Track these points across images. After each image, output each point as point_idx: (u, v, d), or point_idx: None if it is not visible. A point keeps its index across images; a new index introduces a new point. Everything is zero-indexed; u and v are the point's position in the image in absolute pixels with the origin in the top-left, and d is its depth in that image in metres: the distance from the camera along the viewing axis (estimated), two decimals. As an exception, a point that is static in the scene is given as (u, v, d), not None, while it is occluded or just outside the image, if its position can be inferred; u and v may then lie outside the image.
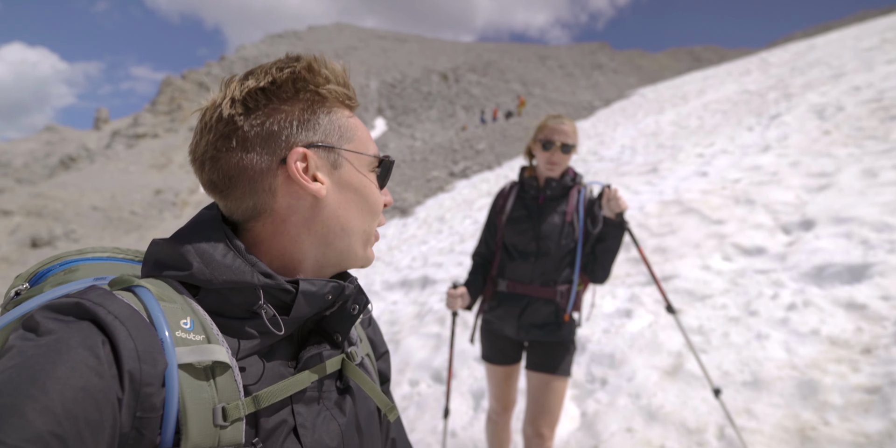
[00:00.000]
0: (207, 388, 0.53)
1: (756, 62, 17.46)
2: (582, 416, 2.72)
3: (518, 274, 2.04)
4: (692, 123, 10.54)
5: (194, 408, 0.51)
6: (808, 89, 9.18)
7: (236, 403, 0.54)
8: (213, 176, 0.62)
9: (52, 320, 0.48)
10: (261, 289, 0.59)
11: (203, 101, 0.63)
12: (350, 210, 0.66)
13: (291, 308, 0.62)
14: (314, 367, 0.64)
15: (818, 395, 2.26)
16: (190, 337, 0.54)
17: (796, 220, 4.11)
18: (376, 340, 0.85)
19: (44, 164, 76.44)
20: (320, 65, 0.63)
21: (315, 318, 0.68)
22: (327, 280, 0.64)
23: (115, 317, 0.50)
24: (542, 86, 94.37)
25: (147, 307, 0.53)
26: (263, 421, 0.58)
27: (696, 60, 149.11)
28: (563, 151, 1.97)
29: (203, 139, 0.61)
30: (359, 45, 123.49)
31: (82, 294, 0.52)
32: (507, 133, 21.40)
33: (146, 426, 0.49)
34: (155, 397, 0.50)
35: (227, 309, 0.59)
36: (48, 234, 39.56)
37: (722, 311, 3.21)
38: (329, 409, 0.66)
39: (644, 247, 4.61)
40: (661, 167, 7.42)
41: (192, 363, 0.52)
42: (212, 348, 0.54)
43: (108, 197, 49.52)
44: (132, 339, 0.49)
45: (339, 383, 0.69)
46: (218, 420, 0.52)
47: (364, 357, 0.75)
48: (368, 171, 0.69)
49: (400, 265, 7.66)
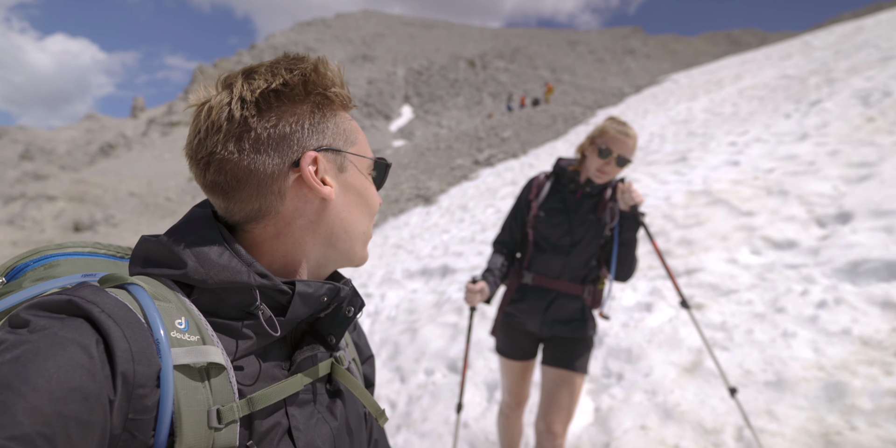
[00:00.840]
0: (202, 389, 0.52)
1: (798, 45, 16.57)
2: (595, 411, 2.67)
3: (547, 268, 2.00)
4: (726, 110, 10.12)
5: (189, 410, 0.50)
6: (852, 73, 8.67)
7: (231, 405, 0.53)
8: (218, 177, 0.60)
9: (43, 317, 0.47)
10: (257, 289, 0.58)
11: (193, 97, 0.61)
12: (353, 212, 0.67)
13: (287, 309, 0.61)
14: (307, 369, 0.64)
15: (846, 398, 2.15)
16: (185, 337, 0.53)
17: (832, 213, 3.90)
18: (361, 345, 0.85)
19: (85, 151, 79.42)
20: (325, 66, 0.63)
21: (309, 320, 0.67)
22: (323, 282, 0.63)
23: (110, 316, 0.49)
24: (572, 72, 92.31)
25: (142, 306, 0.52)
26: (258, 423, 0.57)
27: (734, 44, 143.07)
28: (617, 164, 1.89)
29: (209, 139, 0.59)
30: (386, 31, 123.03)
31: (74, 291, 0.50)
32: (533, 121, 21.05)
33: (138, 428, 0.48)
34: (148, 399, 0.49)
35: (221, 309, 0.58)
36: (89, 219, 41.26)
37: (747, 307, 3.09)
38: (321, 411, 0.66)
39: (668, 239, 4.47)
40: (691, 156, 7.16)
41: (187, 364, 0.52)
42: (207, 349, 0.53)
43: (144, 183, 51.22)
44: (126, 339, 0.48)
45: (328, 386, 0.69)
46: (212, 422, 0.52)
47: (350, 361, 0.75)
48: (367, 174, 0.71)
49: (421, 254, 7.67)
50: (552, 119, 20.68)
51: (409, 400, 3.44)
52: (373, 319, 5.43)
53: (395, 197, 14.86)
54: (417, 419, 3.14)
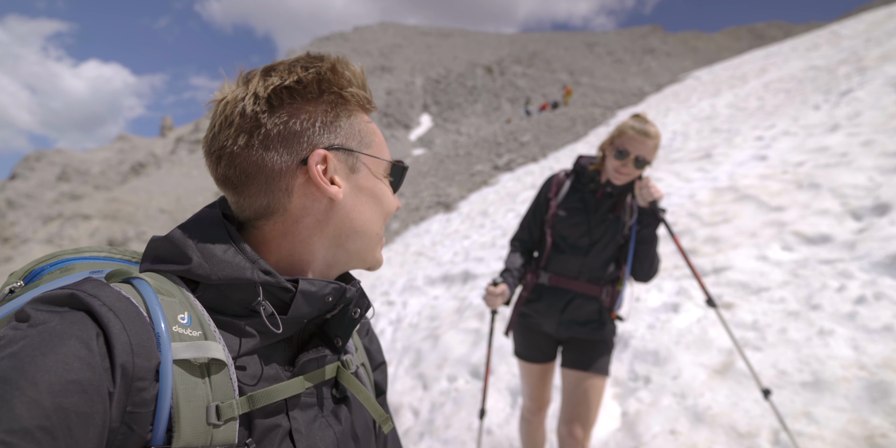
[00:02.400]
0: (202, 385, 0.52)
1: (825, 36, 16.04)
2: (623, 415, 2.58)
3: (565, 268, 1.96)
4: (751, 105, 9.84)
5: (188, 405, 0.50)
6: (885, 61, 8.33)
7: (230, 402, 0.53)
8: (228, 171, 0.61)
9: (44, 311, 0.47)
10: (260, 286, 0.58)
11: (217, 93, 0.62)
12: (364, 213, 0.66)
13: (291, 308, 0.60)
14: (311, 372, 0.63)
15: (890, 398, 2.02)
16: (187, 332, 0.53)
17: (868, 205, 3.72)
18: (373, 350, 0.83)
19: (117, 170, 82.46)
20: (343, 66, 0.63)
21: (317, 322, 0.66)
22: (328, 281, 0.62)
23: (110, 308, 0.49)
24: (590, 74, 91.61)
25: (145, 300, 0.52)
26: (257, 422, 0.56)
27: (758, 38, 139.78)
28: (635, 166, 1.82)
29: (222, 133, 0.60)
30: (403, 42, 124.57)
31: (77, 285, 0.51)
32: (552, 124, 20.90)
33: (136, 421, 0.48)
34: (147, 392, 0.48)
35: (225, 306, 0.58)
36: (122, 236, 42.71)
37: (780, 305, 2.95)
38: (325, 416, 0.64)
39: (694, 237, 4.34)
40: (716, 152, 6.97)
41: (188, 359, 0.51)
42: (209, 345, 0.53)
43: (173, 200, 52.79)
44: (126, 331, 0.48)
45: (335, 391, 0.67)
46: (211, 418, 0.51)
47: (359, 366, 0.74)
48: (384, 176, 0.70)
49: (442, 260, 7.64)
50: (571, 122, 20.50)
51: (431, 407, 3.39)
52: (395, 327, 5.41)
53: (416, 205, 14.91)
54: (440, 426, 3.09)
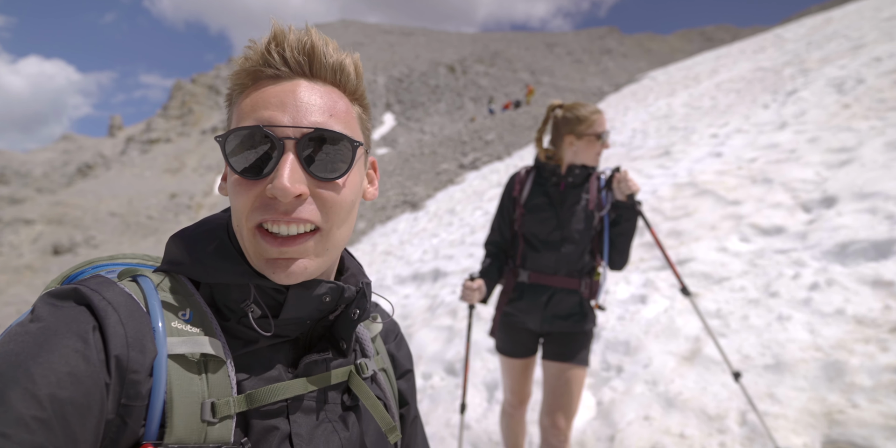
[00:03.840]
0: (198, 381, 0.51)
1: (770, 39, 16.92)
2: (598, 404, 2.64)
3: (541, 264, 1.98)
4: (705, 104, 10.27)
5: (182, 400, 0.49)
6: (825, 63, 8.86)
7: (227, 400, 0.52)
8: None
9: (47, 305, 0.49)
10: (253, 286, 0.58)
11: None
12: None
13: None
14: (315, 375, 0.61)
15: (845, 376, 2.15)
16: (186, 328, 0.53)
17: (817, 198, 3.95)
18: (399, 357, 0.80)
19: (62, 172, 78.02)
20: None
21: (325, 323, 0.64)
22: (324, 280, 0.60)
23: (109, 303, 0.50)
24: (551, 74, 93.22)
25: (146, 296, 0.53)
26: (255, 423, 0.55)
27: (707, 41, 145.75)
28: (607, 140, 1.97)
29: None
30: (365, 40, 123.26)
31: (83, 281, 0.53)
32: (515, 122, 21.16)
33: (130, 415, 0.48)
34: (141, 386, 0.48)
35: (228, 306, 0.58)
36: (69, 241, 40.44)
37: (741, 294, 3.10)
38: (332, 421, 0.62)
39: (658, 231, 4.49)
40: (674, 149, 7.24)
41: (184, 354, 0.51)
42: (206, 341, 0.53)
43: (124, 202, 50.39)
44: (122, 324, 0.49)
45: (346, 397, 0.65)
46: (206, 415, 0.50)
47: (379, 372, 0.71)
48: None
49: (411, 259, 7.62)
50: (534, 120, 20.81)
51: (408, 405, 3.38)
52: (367, 326, 5.36)
53: (382, 204, 14.80)
54: (418, 423, 3.09)
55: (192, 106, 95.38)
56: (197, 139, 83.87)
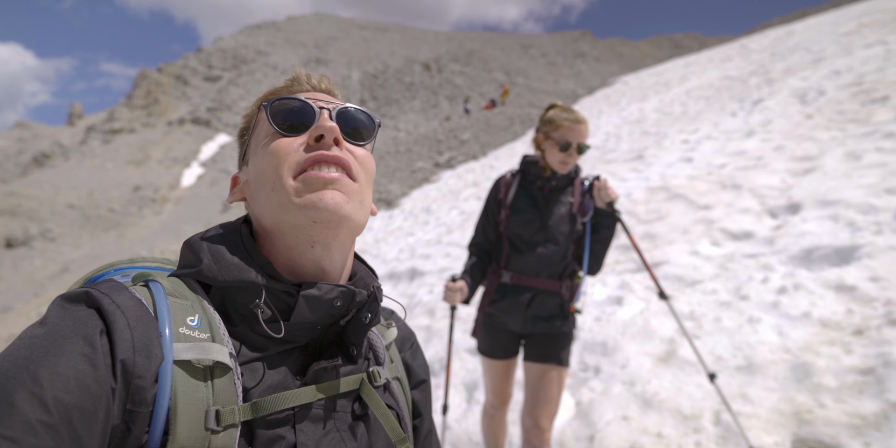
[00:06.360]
0: (203, 388, 0.51)
1: (736, 48, 17.53)
2: (577, 405, 2.69)
3: (524, 266, 2.00)
4: (676, 110, 10.56)
5: (186, 407, 0.49)
6: (789, 74, 9.24)
7: (232, 408, 0.51)
8: None
9: (58, 307, 0.50)
10: (264, 289, 0.57)
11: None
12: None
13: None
14: (325, 382, 0.60)
15: (812, 377, 2.26)
16: (194, 334, 0.53)
17: (783, 204, 4.12)
18: (415, 366, 0.78)
19: (16, 161, 74.20)
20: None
21: (336, 329, 0.63)
22: (335, 284, 0.59)
23: (118, 306, 0.50)
24: (525, 75, 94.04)
25: (155, 300, 0.53)
26: (260, 432, 0.54)
27: (677, 48, 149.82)
28: (578, 152, 1.94)
29: None
30: (339, 35, 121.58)
31: (95, 285, 0.53)
32: (491, 123, 21.28)
33: (134, 421, 0.47)
34: (147, 391, 0.48)
35: (235, 310, 0.58)
36: (23, 234, 38.55)
37: (713, 297, 3.20)
38: (340, 431, 0.60)
39: (632, 234, 4.60)
40: (647, 154, 7.42)
41: (189, 360, 0.50)
42: (213, 347, 0.52)
43: (84, 194, 48.33)
44: (130, 329, 0.49)
45: (356, 406, 0.63)
46: (210, 423, 0.49)
47: (392, 380, 0.70)
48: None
49: (387, 258, 7.57)
50: (510, 121, 20.98)
51: (386, 405, 3.36)
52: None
53: (357, 201, 14.63)
54: (397, 424, 3.08)
55: (158, 96, 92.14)
56: (163, 130, 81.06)
